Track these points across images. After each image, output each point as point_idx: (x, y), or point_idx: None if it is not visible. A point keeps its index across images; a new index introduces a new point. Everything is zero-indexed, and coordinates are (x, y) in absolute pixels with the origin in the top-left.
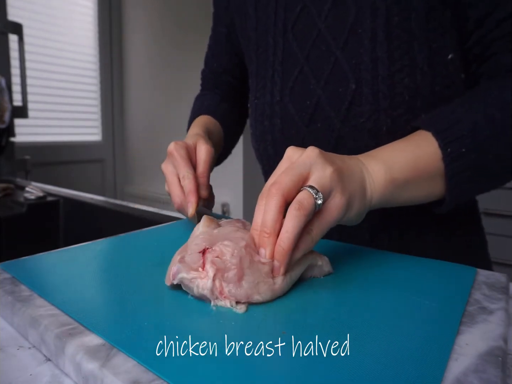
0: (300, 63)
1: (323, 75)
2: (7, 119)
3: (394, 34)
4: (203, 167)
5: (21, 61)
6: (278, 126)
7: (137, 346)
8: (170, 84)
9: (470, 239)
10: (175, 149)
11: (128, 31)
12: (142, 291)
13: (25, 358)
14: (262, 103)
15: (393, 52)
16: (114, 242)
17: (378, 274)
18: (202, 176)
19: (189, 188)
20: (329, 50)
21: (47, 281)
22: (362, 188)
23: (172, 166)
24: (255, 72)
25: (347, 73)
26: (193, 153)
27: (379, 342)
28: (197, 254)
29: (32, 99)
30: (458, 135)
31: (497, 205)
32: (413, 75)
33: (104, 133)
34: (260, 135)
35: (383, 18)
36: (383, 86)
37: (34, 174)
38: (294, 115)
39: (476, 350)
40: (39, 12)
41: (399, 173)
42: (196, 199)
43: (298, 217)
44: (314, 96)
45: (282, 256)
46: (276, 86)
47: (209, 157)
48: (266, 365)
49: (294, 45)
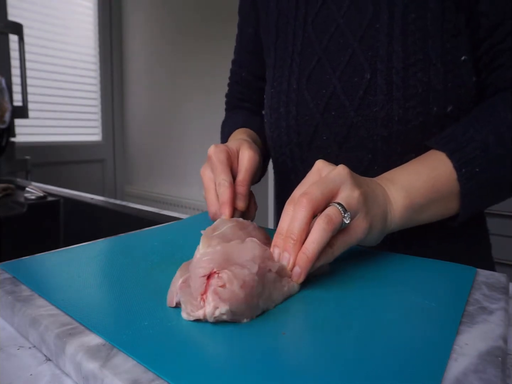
0: (318, 54)
1: (339, 66)
2: (7, 119)
3: (409, 30)
4: (244, 174)
5: (21, 61)
6: (293, 113)
7: (137, 346)
8: (170, 84)
9: (474, 242)
10: (214, 153)
11: (128, 31)
12: (142, 291)
13: (25, 358)
14: (278, 91)
15: (408, 47)
16: (114, 242)
17: (378, 274)
18: (242, 184)
19: (224, 198)
20: (347, 43)
21: (47, 281)
22: (384, 213)
23: (210, 171)
24: (273, 63)
25: (363, 64)
26: (235, 158)
27: (378, 342)
28: (200, 278)
29: (32, 99)
30: (471, 155)
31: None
32: (426, 70)
33: (104, 133)
34: (274, 122)
35: (399, 14)
36: (397, 77)
37: (34, 174)
38: (310, 102)
39: (476, 350)
40: (39, 12)
41: (417, 197)
42: (230, 212)
43: (325, 231)
44: (330, 85)
45: (305, 264)
46: (294, 75)
47: (253, 164)
48: (266, 366)
49: (313, 37)
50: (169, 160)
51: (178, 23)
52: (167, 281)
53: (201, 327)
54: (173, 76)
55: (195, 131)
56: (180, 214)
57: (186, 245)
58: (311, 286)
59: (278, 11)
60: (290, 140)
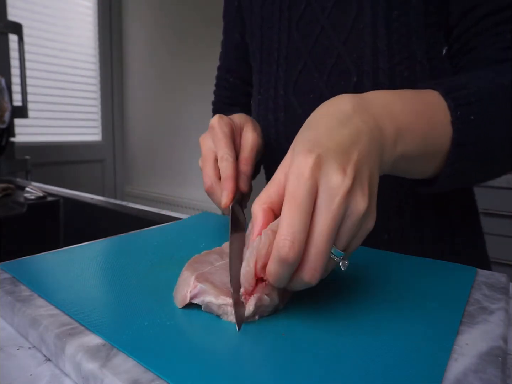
0: (303, 58)
1: (326, 69)
2: (7, 119)
3: (393, 28)
4: (249, 152)
5: (21, 61)
6: (281, 119)
7: (137, 346)
8: (170, 84)
9: (469, 240)
10: (218, 124)
11: (128, 31)
12: (142, 291)
13: (25, 358)
14: (265, 98)
15: (393, 45)
16: (114, 242)
17: (378, 274)
18: (246, 163)
19: (228, 173)
20: (332, 45)
21: (47, 281)
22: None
23: (211, 141)
24: (259, 68)
25: (349, 67)
26: (238, 134)
27: (379, 342)
28: (252, 277)
29: (32, 99)
30: (467, 100)
31: (497, 205)
32: (412, 68)
33: (104, 133)
34: (263, 129)
35: (383, 12)
36: (384, 78)
37: (34, 174)
38: (298, 108)
39: (476, 350)
40: (39, 12)
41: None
42: (233, 188)
43: None
44: (317, 89)
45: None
46: (280, 80)
47: (256, 145)
48: (266, 366)
49: (298, 40)
50: (169, 160)
51: (178, 23)
52: (167, 281)
53: (201, 327)
54: (173, 76)
55: (195, 131)
56: (180, 214)
57: (186, 245)
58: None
59: (262, 15)
60: (280, 147)
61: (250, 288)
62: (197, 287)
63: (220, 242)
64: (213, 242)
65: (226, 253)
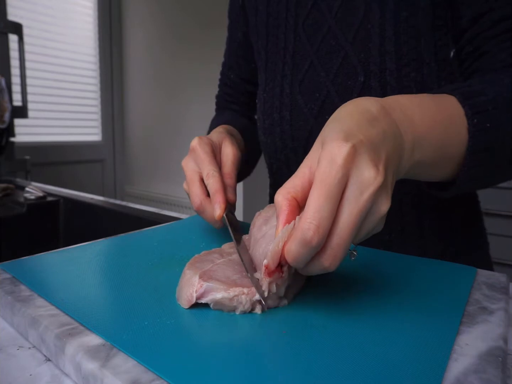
0: (310, 57)
1: (332, 69)
2: (7, 119)
3: (401, 29)
4: (230, 167)
5: (21, 61)
6: (287, 118)
7: (137, 346)
8: (170, 84)
9: (471, 241)
10: (198, 144)
11: (128, 31)
12: (142, 291)
13: (25, 358)
14: (271, 96)
15: (401, 46)
16: (114, 242)
17: (378, 274)
18: (230, 176)
19: (216, 187)
20: (339, 45)
21: (47, 281)
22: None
23: (193, 163)
24: (264, 67)
25: (356, 67)
26: (217, 152)
27: (379, 342)
28: (278, 257)
29: (32, 99)
30: (483, 108)
31: (497, 205)
32: (419, 69)
33: (104, 133)
34: (268, 127)
35: (391, 13)
36: (391, 79)
37: (34, 174)
38: (303, 107)
39: (476, 350)
40: (39, 12)
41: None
42: (224, 199)
43: None
44: (324, 88)
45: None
46: (286, 79)
47: (237, 159)
48: (266, 365)
49: (305, 39)
50: (169, 160)
51: (179, 24)
52: (167, 281)
53: (202, 326)
54: (173, 76)
55: (195, 131)
56: (180, 214)
57: (186, 245)
58: (312, 286)
59: (268, 14)
60: (285, 146)
61: (273, 267)
62: (203, 286)
63: (220, 242)
64: (213, 242)
65: (227, 252)
